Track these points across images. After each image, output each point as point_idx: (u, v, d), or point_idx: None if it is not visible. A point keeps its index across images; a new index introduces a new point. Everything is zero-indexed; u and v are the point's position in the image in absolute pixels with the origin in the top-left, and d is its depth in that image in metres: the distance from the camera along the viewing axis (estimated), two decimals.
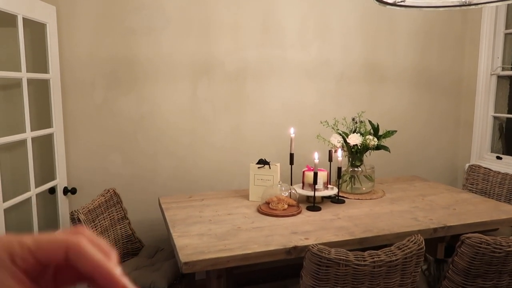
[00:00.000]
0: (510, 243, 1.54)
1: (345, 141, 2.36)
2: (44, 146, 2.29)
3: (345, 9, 2.90)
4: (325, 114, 2.90)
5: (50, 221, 2.31)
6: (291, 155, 2.29)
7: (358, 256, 1.41)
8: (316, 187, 2.15)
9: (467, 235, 1.57)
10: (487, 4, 1.86)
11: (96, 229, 1.92)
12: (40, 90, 2.26)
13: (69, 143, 2.44)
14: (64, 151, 2.37)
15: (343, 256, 1.40)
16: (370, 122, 2.45)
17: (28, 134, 2.02)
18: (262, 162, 2.25)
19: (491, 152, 3.15)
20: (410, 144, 3.22)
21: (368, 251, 1.44)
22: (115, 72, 2.49)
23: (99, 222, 1.97)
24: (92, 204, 1.95)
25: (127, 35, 2.48)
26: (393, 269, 1.45)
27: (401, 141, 3.13)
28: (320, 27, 2.86)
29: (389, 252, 1.45)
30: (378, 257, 1.42)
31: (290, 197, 2.12)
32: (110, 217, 2.08)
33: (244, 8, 2.68)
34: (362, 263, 1.40)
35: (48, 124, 2.25)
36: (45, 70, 2.22)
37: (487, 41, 3.07)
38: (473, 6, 1.90)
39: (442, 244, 2.16)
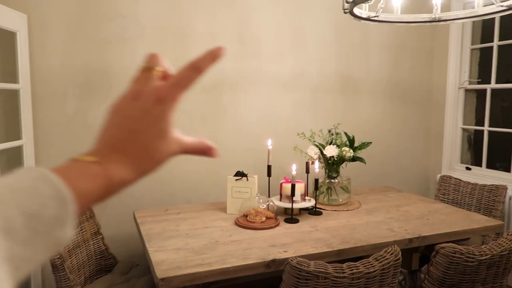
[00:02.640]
0: (482, 252, 1.58)
1: (321, 152, 2.38)
2: (13, 158, 2.20)
3: (320, 22, 2.95)
4: (301, 125, 2.92)
5: None
6: (269, 167, 2.29)
7: (337, 268, 1.42)
8: (294, 199, 2.15)
9: (441, 245, 1.60)
10: (456, 21, 1.95)
11: (68, 245, 1.85)
12: (9, 100, 2.18)
13: (39, 155, 2.36)
14: (34, 163, 2.28)
15: (322, 269, 1.40)
16: (346, 134, 2.49)
17: None
18: (240, 174, 2.24)
19: (461, 163, 3.25)
20: (384, 155, 3.28)
21: (347, 263, 1.44)
22: (89, 82, 2.43)
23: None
24: None
25: (101, 44, 2.43)
26: (371, 280, 1.46)
27: (375, 152, 3.19)
28: (296, 40, 2.91)
29: (367, 264, 1.46)
30: (357, 269, 1.42)
31: (268, 209, 2.11)
32: (82, 232, 2.01)
33: (220, 19, 2.69)
34: (341, 275, 1.41)
35: (18, 136, 2.17)
36: (15, 80, 2.15)
37: (454, 55, 3.20)
38: (442, 22, 1.98)
39: (416, 254, 2.20)
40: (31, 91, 2.27)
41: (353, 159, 2.39)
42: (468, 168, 3.16)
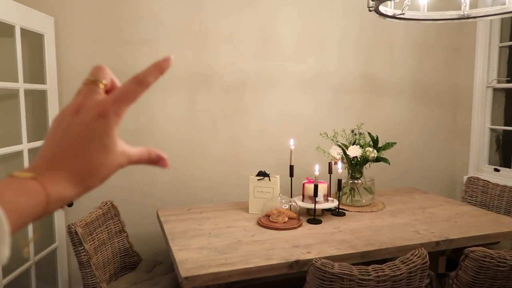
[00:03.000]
0: None
1: (344, 153, 2.35)
2: None
3: (342, 21, 2.92)
4: (323, 125, 2.90)
5: (46, 234, 2.26)
6: (291, 167, 2.28)
7: (362, 270, 1.39)
8: (317, 199, 2.13)
9: (471, 249, 1.55)
10: (485, 18, 1.88)
11: (94, 243, 1.88)
12: (37, 101, 2.24)
13: None
14: None
15: (347, 271, 1.38)
16: (369, 134, 2.45)
17: (25, 146, 1.99)
18: (262, 174, 2.23)
19: (489, 164, 3.16)
20: (407, 154, 3.22)
21: (372, 265, 1.42)
22: None
23: (97, 235, 1.93)
24: (90, 217, 1.91)
25: (124, 46, 2.47)
26: (397, 283, 1.43)
27: (398, 151, 3.13)
28: (317, 39, 2.88)
29: (394, 267, 1.43)
30: (383, 272, 1.40)
31: (290, 209, 2.10)
32: (107, 230, 2.04)
33: (242, 20, 2.69)
34: (366, 277, 1.38)
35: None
36: (43, 81, 2.20)
37: (482, 54, 3.10)
38: (471, 19, 1.92)
39: (443, 257, 2.14)
40: (58, 91, 2.32)
41: (377, 159, 2.35)
42: (496, 170, 3.06)
